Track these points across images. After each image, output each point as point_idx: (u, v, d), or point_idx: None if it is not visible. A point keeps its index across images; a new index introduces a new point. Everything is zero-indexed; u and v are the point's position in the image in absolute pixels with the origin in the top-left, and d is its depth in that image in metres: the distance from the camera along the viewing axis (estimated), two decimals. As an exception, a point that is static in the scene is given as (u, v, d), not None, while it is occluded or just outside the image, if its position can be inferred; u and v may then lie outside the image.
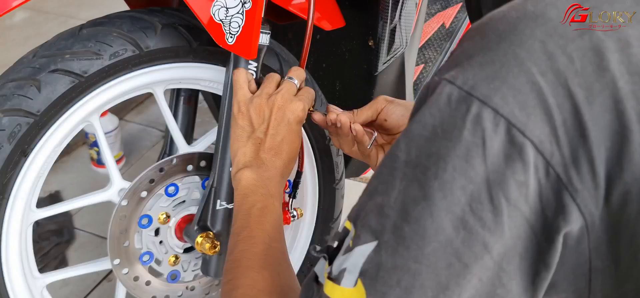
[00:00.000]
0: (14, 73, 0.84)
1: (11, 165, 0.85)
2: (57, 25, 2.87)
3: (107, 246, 1.01)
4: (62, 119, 0.88)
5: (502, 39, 0.49)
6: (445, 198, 0.47)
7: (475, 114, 0.47)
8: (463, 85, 0.48)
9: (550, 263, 0.48)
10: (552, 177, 0.46)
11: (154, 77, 0.95)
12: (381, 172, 0.53)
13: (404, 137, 0.51)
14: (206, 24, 0.85)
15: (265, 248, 0.72)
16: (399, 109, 0.94)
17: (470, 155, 0.47)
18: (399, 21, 1.08)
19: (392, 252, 0.49)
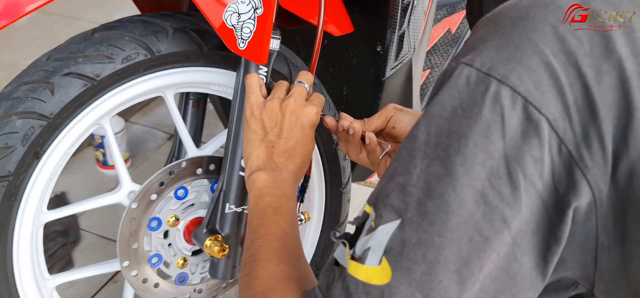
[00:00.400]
0: (27, 76, 0.85)
1: (24, 167, 0.86)
2: (63, 26, 2.88)
3: (117, 248, 1.01)
4: (75, 122, 0.89)
5: (515, 24, 0.51)
6: (467, 174, 0.49)
7: (494, 92, 0.49)
8: (481, 67, 0.51)
9: (560, 237, 0.50)
10: (564, 153, 0.49)
11: (165, 80, 0.96)
12: (400, 154, 0.54)
13: (423, 119, 0.53)
14: (218, 29, 0.85)
15: (282, 243, 0.73)
16: (408, 117, 0.95)
17: (490, 131, 0.49)
18: (408, 27, 1.09)
19: (416, 228, 0.50)
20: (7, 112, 0.83)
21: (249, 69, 0.94)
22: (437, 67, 1.45)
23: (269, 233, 0.75)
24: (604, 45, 0.50)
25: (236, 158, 0.99)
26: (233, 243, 1.04)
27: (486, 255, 0.50)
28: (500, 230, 0.49)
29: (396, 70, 1.17)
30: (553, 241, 0.50)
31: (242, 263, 0.74)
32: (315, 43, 0.93)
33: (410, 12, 1.06)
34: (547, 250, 0.51)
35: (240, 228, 1.04)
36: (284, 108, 0.85)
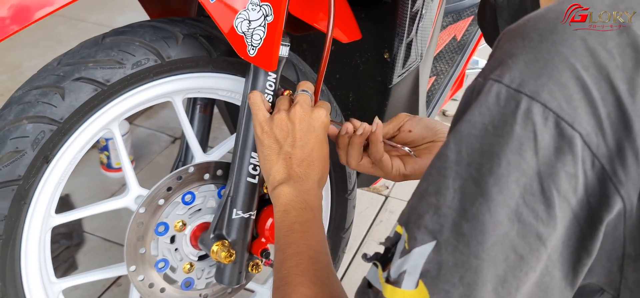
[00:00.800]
0: (38, 80, 0.85)
1: (34, 171, 0.86)
2: (67, 28, 2.89)
3: (124, 252, 1.01)
4: (84, 126, 0.89)
5: (543, 37, 0.51)
6: (501, 193, 0.49)
7: (525, 109, 0.49)
8: (510, 83, 0.50)
9: (591, 250, 0.50)
10: (598, 168, 0.48)
11: (174, 86, 0.96)
12: (430, 174, 0.54)
13: (453, 138, 0.53)
14: (228, 35, 0.86)
15: (312, 263, 0.73)
16: (422, 123, 0.95)
17: (522, 149, 0.49)
18: (416, 35, 1.09)
19: (452, 250, 0.50)
20: (18, 117, 0.83)
21: (258, 76, 0.94)
22: (443, 74, 1.46)
23: (298, 253, 0.74)
24: (636, 57, 0.49)
25: (244, 164, 0.99)
26: (239, 249, 1.04)
27: (522, 273, 0.50)
28: (536, 247, 0.49)
29: (403, 77, 1.17)
30: (584, 254, 0.50)
31: (274, 286, 0.74)
32: (325, 50, 0.93)
33: (418, 20, 1.07)
34: (578, 262, 0.51)
35: (247, 234, 1.04)
36: (292, 117, 0.85)
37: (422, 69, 1.20)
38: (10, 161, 0.83)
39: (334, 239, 1.34)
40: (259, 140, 0.87)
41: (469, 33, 1.53)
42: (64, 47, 2.99)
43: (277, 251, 0.78)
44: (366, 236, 1.77)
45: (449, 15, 1.52)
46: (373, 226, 1.81)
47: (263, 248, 1.07)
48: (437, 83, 1.42)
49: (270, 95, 0.96)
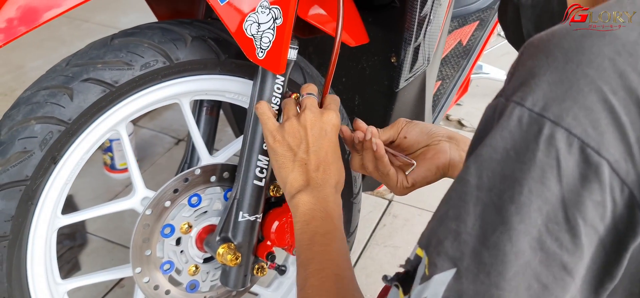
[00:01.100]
0: (47, 80, 0.85)
1: (41, 171, 0.86)
2: (72, 28, 2.89)
3: (130, 254, 1.01)
4: (92, 127, 0.89)
5: (569, 58, 0.48)
6: (523, 222, 0.47)
7: (548, 134, 0.47)
8: (533, 107, 0.48)
9: (615, 275, 0.49)
10: (626, 194, 0.47)
11: (182, 88, 0.96)
12: (451, 197, 0.53)
13: (473, 161, 0.51)
14: (238, 38, 0.85)
15: (336, 280, 0.72)
16: (417, 128, 0.95)
17: (545, 177, 0.47)
18: (423, 40, 1.09)
19: (473, 279, 0.49)
20: (27, 117, 0.83)
21: (266, 78, 0.94)
22: (448, 78, 1.46)
23: (321, 270, 0.73)
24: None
25: (250, 167, 0.99)
26: (245, 252, 1.04)
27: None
28: (561, 277, 0.48)
29: (410, 81, 1.17)
30: (607, 278, 0.49)
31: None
32: (333, 53, 0.93)
33: (426, 24, 1.06)
34: (600, 286, 0.50)
35: (253, 236, 1.04)
36: (303, 122, 0.84)
37: (429, 73, 1.20)
38: (18, 161, 0.83)
39: (338, 243, 1.33)
40: (271, 150, 0.86)
41: (474, 38, 1.53)
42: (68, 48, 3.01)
43: (299, 266, 0.77)
44: (369, 240, 1.77)
45: (455, 19, 1.52)
46: (376, 230, 1.81)
47: (269, 252, 1.07)
48: (442, 87, 1.42)
49: (278, 98, 0.96)
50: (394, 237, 1.78)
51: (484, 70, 2.11)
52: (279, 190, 1.06)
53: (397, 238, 1.77)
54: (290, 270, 1.34)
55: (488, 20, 1.52)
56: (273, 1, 0.86)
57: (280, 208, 1.07)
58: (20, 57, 2.63)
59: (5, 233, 0.86)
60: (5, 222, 0.86)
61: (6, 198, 0.84)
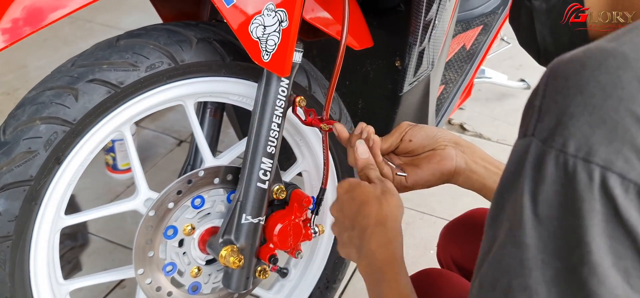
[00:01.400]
0: (52, 81, 0.85)
1: (46, 172, 0.86)
2: (74, 29, 2.89)
3: (133, 255, 1.01)
4: (96, 128, 0.89)
5: (608, 94, 0.44)
6: (602, 284, 0.44)
7: (600, 182, 0.43)
8: (577, 153, 0.44)
9: None
10: None
11: (187, 90, 0.96)
12: (508, 265, 0.48)
13: (530, 221, 0.47)
14: (243, 40, 0.85)
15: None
16: (423, 131, 0.95)
17: (609, 229, 0.44)
18: (428, 44, 1.09)
19: None
20: (32, 117, 0.83)
21: (271, 81, 0.94)
22: (452, 82, 1.46)
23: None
24: None
25: (254, 169, 0.99)
26: (248, 254, 1.03)
27: None
28: None
29: (414, 85, 1.17)
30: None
31: None
32: (338, 57, 0.93)
33: (431, 28, 1.06)
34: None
35: (256, 239, 1.04)
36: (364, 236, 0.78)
37: (433, 77, 1.20)
38: (22, 161, 0.83)
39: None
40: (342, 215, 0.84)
41: (478, 42, 1.53)
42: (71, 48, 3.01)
43: None
44: (371, 243, 1.77)
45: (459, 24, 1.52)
46: (378, 233, 1.81)
47: (271, 254, 1.06)
48: (446, 91, 1.42)
49: (283, 101, 0.96)
50: (396, 240, 1.78)
51: (486, 74, 2.11)
52: (281, 192, 1.06)
53: (398, 242, 1.77)
54: (292, 272, 1.34)
55: (492, 25, 1.52)
56: (279, 4, 0.86)
57: (283, 211, 1.07)
58: (23, 56, 2.63)
59: (9, 233, 0.86)
60: (9, 222, 0.86)
61: (10, 199, 0.84)
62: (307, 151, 1.21)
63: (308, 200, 1.05)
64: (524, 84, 2.38)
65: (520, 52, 0.98)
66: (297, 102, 0.99)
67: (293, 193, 1.06)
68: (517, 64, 2.77)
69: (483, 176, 0.91)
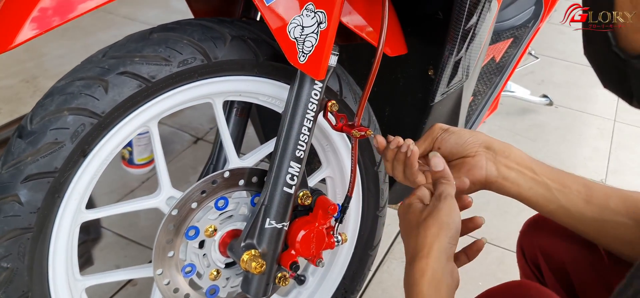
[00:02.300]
0: (82, 71, 0.83)
1: (70, 164, 0.83)
2: (95, 19, 2.87)
3: (153, 254, 0.98)
4: (124, 122, 0.87)
5: None
6: None
7: None
8: None
9: None
10: None
11: (217, 88, 0.93)
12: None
13: None
14: (280, 40, 0.83)
15: None
16: (454, 137, 0.91)
17: None
18: (465, 53, 1.06)
19: None
20: (60, 107, 0.80)
21: (304, 83, 0.91)
22: (480, 95, 1.42)
23: None
24: None
25: (281, 173, 0.96)
26: (270, 260, 1.01)
27: None
28: None
29: (446, 96, 1.14)
30: None
31: None
32: (374, 64, 0.90)
33: (470, 37, 1.03)
34: None
35: (279, 245, 1.01)
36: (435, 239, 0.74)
37: (466, 88, 1.16)
38: (48, 152, 0.81)
39: (361, 256, 1.30)
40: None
41: (508, 55, 1.50)
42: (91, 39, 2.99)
43: None
44: (387, 254, 1.73)
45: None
46: (394, 244, 1.77)
47: (293, 261, 1.03)
48: (474, 103, 1.39)
49: (315, 105, 0.93)
50: (412, 252, 1.74)
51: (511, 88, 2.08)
52: (307, 198, 1.03)
53: (415, 254, 1.73)
54: (309, 280, 1.31)
55: (522, 38, 1.49)
56: (318, 5, 0.84)
57: (307, 217, 1.04)
58: (43, 45, 2.62)
59: (30, 225, 0.83)
60: (31, 214, 0.83)
61: (33, 190, 0.82)
62: (333, 157, 1.18)
63: (334, 207, 1.02)
64: (546, 100, 2.34)
65: (541, 68, 0.94)
66: (329, 106, 0.96)
67: (318, 199, 1.03)
68: (538, 79, 2.74)
69: (517, 183, 0.87)
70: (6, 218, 0.82)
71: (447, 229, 0.74)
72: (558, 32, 3.22)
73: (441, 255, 0.73)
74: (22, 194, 0.81)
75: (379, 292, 1.60)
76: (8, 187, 0.81)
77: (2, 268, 0.84)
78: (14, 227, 0.83)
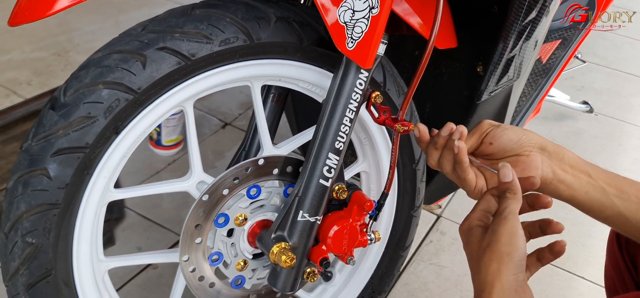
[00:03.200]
0: (120, 44, 0.79)
1: (102, 140, 0.80)
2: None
3: (180, 240, 0.95)
4: (160, 100, 0.83)
5: None
6: None
7: None
8: None
9: None
10: None
11: (257, 70, 0.89)
12: None
13: None
14: (329, 24, 0.78)
15: None
16: (507, 133, 0.85)
17: None
18: (519, 51, 0.99)
19: None
20: (95, 80, 0.77)
21: (349, 71, 0.86)
22: (525, 96, 1.36)
23: None
24: None
25: (318, 164, 0.92)
26: (300, 254, 0.96)
27: None
28: None
29: (493, 95, 1.08)
30: None
31: None
32: (423, 57, 0.84)
33: (526, 34, 0.97)
34: None
35: (310, 239, 0.96)
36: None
37: (515, 88, 1.10)
38: (80, 126, 0.77)
39: (391, 256, 1.25)
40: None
41: (555, 57, 1.42)
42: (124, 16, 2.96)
43: None
44: (415, 255, 1.68)
45: (536, 35, 1.42)
46: (422, 246, 1.72)
47: (323, 257, 0.99)
48: (518, 105, 1.33)
49: (359, 95, 0.88)
50: (440, 255, 1.69)
51: (552, 93, 2.00)
52: (343, 192, 0.98)
53: (443, 257, 1.68)
54: (337, 277, 1.26)
55: (571, 41, 1.42)
56: (371, -12, 0.78)
57: (341, 212, 0.99)
58: (76, 19, 2.61)
59: (58, 201, 0.80)
60: (59, 189, 0.80)
61: (63, 164, 0.78)
62: (370, 151, 1.13)
63: (370, 204, 0.97)
64: (586, 106, 2.26)
65: (582, 73, 0.88)
66: (373, 97, 0.91)
67: (354, 194, 0.99)
68: (578, 84, 2.65)
69: (572, 186, 0.82)
70: (34, 192, 0.79)
71: (509, 261, 0.69)
72: (600, 37, 3.11)
73: (504, 293, 0.68)
74: (51, 168, 0.78)
75: (405, 294, 1.55)
76: (37, 159, 0.78)
77: (26, 244, 0.81)
78: (41, 202, 0.80)
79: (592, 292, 1.60)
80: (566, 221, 0.84)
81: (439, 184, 1.29)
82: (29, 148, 0.79)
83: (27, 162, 0.79)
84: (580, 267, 1.68)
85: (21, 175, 0.79)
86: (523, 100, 1.36)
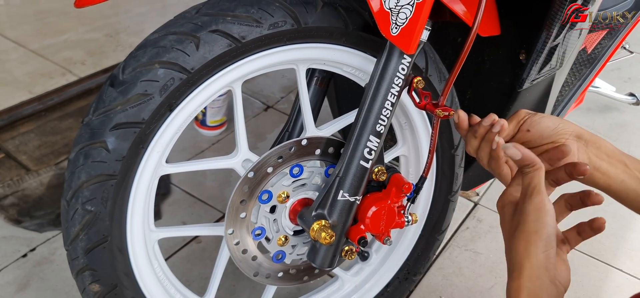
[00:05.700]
0: (175, 26, 0.83)
1: (157, 117, 0.85)
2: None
3: (226, 214, 1.00)
4: (211, 81, 0.87)
5: None
6: None
7: None
8: None
9: None
10: None
11: (303, 54, 0.92)
12: None
13: None
14: (375, 10, 0.80)
15: None
16: (545, 120, 0.87)
17: None
18: (563, 40, 1.00)
19: None
20: (151, 60, 0.81)
21: (392, 56, 0.89)
22: (568, 86, 1.35)
23: None
24: None
25: (359, 146, 0.95)
26: (339, 232, 1.00)
27: None
28: None
29: (535, 83, 1.08)
30: None
31: None
32: (466, 44, 0.86)
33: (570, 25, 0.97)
34: None
35: (349, 218, 1.00)
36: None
37: (557, 77, 1.10)
38: (137, 103, 0.82)
39: (428, 239, 1.28)
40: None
41: (601, 47, 1.41)
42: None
43: None
44: (451, 240, 1.70)
45: (582, 24, 1.40)
46: (458, 232, 1.73)
47: (361, 236, 1.02)
48: (560, 95, 1.32)
49: (401, 79, 0.90)
50: (476, 241, 1.70)
51: (594, 83, 1.97)
52: (382, 174, 1.01)
53: (479, 244, 1.69)
54: (373, 257, 1.29)
55: (619, 30, 1.39)
56: (416, -25, 0.80)
57: (380, 194, 1.02)
58: (127, 2, 2.69)
59: (115, 172, 0.86)
60: (116, 161, 0.85)
61: (121, 138, 0.84)
62: (410, 135, 1.15)
63: (408, 186, 0.99)
64: (632, 98, 2.21)
65: (629, 64, 0.85)
66: (415, 83, 0.93)
67: (393, 177, 1.01)
68: (625, 76, 2.59)
69: (608, 174, 0.83)
70: (93, 163, 0.85)
71: (537, 239, 0.70)
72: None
73: (534, 272, 0.69)
74: (109, 141, 0.84)
75: (439, 278, 1.57)
76: (97, 133, 0.84)
77: (86, 211, 0.87)
78: (100, 173, 0.85)
79: (630, 283, 1.59)
80: (606, 214, 0.84)
81: (478, 171, 1.30)
82: (89, 122, 0.85)
83: (87, 134, 0.85)
84: (618, 259, 1.66)
85: (82, 147, 0.85)
86: (565, 89, 1.35)
